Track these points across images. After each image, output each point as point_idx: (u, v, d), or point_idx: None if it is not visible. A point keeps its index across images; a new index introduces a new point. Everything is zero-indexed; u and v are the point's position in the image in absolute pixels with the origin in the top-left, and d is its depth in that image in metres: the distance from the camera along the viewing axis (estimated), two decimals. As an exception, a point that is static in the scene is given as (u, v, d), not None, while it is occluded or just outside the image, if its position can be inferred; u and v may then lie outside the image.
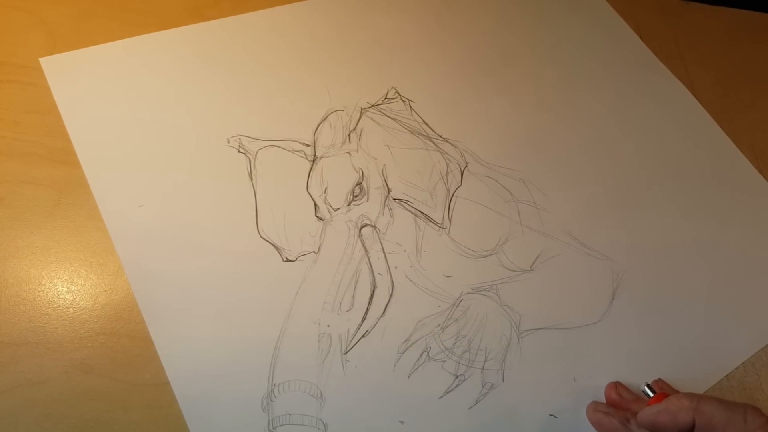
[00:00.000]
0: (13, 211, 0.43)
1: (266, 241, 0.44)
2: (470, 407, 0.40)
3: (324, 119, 0.50)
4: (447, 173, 0.49)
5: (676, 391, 0.41)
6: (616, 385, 0.41)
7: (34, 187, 0.44)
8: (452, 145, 0.51)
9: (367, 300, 0.43)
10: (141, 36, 0.53)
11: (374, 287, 0.43)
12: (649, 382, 0.42)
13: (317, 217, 0.45)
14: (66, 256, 0.42)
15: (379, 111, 0.51)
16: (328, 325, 0.41)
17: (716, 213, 0.51)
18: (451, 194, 0.48)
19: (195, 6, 0.55)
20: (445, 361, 0.41)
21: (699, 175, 0.53)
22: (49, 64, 0.50)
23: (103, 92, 0.49)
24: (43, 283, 0.41)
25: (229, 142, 0.48)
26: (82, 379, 0.38)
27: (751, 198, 0.52)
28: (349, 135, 0.49)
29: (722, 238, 0.50)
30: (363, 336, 0.41)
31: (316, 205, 0.46)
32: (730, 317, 0.46)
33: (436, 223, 0.46)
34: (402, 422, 0.39)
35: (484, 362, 0.42)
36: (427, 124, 0.51)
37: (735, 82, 0.60)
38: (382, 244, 0.45)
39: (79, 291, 0.41)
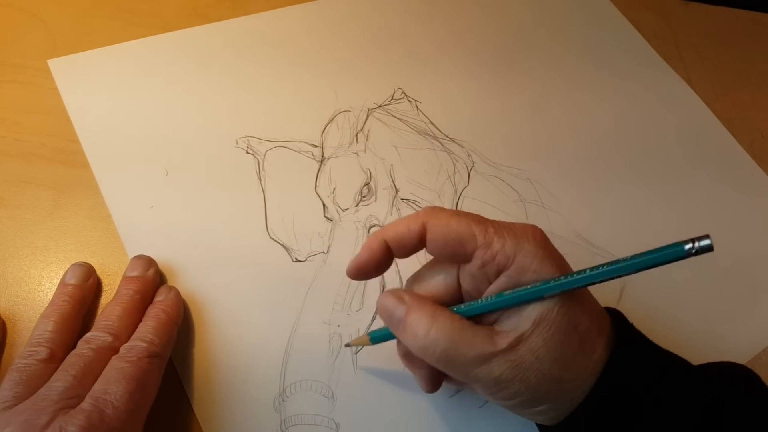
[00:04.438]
0: (13, 211, 0.43)
1: (276, 241, 0.44)
2: (480, 407, 0.40)
3: (331, 120, 0.50)
4: (454, 173, 0.49)
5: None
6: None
7: (34, 187, 0.44)
8: (459, 145, 0.51)
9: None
10: (149, 38, 0.52)
11: (383, 287, 0.43)
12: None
13: (326, 217, 0.45)
14: (66, 256, 0.42)
15: (386, 111, 0.51)
16: (339, 325, 0.41)
17: (720, 212, 0.51)
18: (458, 194, 0.48)
19: (195, 6, 0.55)
20: (454, 361, 0.41)
21: (704, 175, 0.53)
22: (57, 66, 0.49)
23: (111, 94, 0.49)
24: (43, 283, 0.41)
25: (237, 143, 0.47)
26: (86, 380, 0.38)
27: (754, 198, 0.53)
28: (356, 135, 0.49)
29: (725, 237, 0.50)
30: (373, 336, 0.41)
31: (324, 205, 0.46)
32: (730, 317, 0.46)
33: (443, 223, 0.46)
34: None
35: (494, 361, 0.42)
36: (433, 125, 0.51)
37: (735, 82, 0.60)
38: (390, 245, 0.45)
39: (79, 292, 0.41)
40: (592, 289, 0.43)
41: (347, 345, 0.39)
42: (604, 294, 0.46)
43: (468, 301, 0.34)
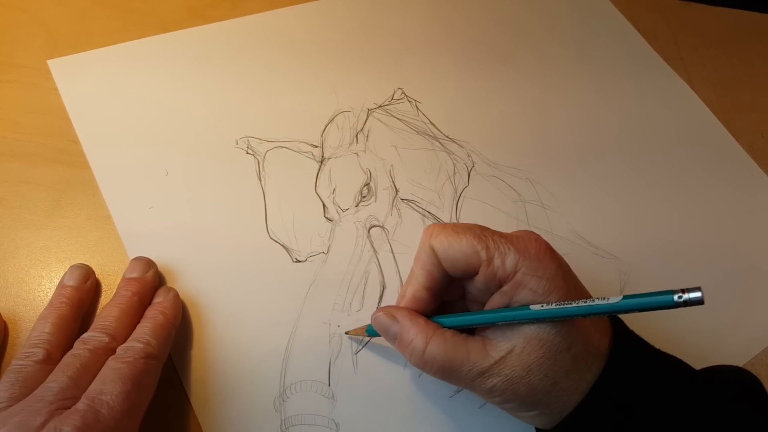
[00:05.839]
0: (13, 211, 0.43)
1: (276, 242, 0.44)
2: (480, 406, 0.40)
3: (331, 120, 0.50)
4: (454, 173, 0.49)
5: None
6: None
7: (34, 187, 0.44)
8: (459, 145, 0.51)
9: (377, 300, 0.43)
10: (149, 38, 0.52)
11: (383, 287, 0.43)
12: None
13: (326, 218, 0.45)
14: (66, 256, 0.42)
15: (386, 112, 0.51)
16: (339, 326, 0.41)
17: (719, 212, 0.51)
18: (458, 194, 0.48)
19: (195, 6, 0.55)
20: (454, 361, 0.42)
21: (704, 175, 0.53)
22: (57, 66, 0.49)
23: (111, 94, 0.49)
24: (43, 283, 0.41)
25: (237, 143, 0.47)
26: (87, 380, 0.38)
27: (754, 198, 0.53)
28: (356, 136, 0.49)
29: (725, 237, 0.50)
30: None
31: (324, 206, 0.46)
32: (730, 317, 0.46)
33: (443, 224, 0.46)
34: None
35: (493, 362, 0.42)
36: (433, 125, 0.51)
37: (735, 82, 0.60)
38: (390, 245, 0.45)
39: (79, 292, 0.41)
40: (592, 286, 0.43)
41: (346, 333, 0.40)
42: (605, 292, 0.46)
43: (472, 305, 0.36)
